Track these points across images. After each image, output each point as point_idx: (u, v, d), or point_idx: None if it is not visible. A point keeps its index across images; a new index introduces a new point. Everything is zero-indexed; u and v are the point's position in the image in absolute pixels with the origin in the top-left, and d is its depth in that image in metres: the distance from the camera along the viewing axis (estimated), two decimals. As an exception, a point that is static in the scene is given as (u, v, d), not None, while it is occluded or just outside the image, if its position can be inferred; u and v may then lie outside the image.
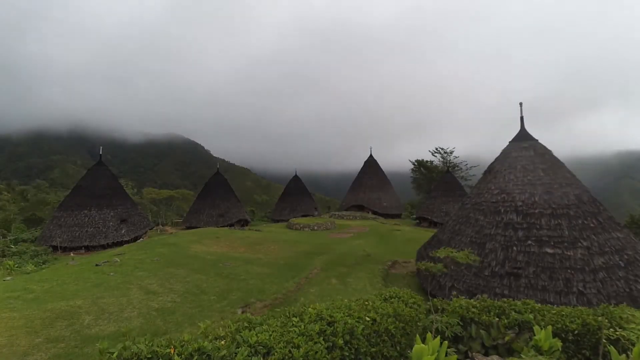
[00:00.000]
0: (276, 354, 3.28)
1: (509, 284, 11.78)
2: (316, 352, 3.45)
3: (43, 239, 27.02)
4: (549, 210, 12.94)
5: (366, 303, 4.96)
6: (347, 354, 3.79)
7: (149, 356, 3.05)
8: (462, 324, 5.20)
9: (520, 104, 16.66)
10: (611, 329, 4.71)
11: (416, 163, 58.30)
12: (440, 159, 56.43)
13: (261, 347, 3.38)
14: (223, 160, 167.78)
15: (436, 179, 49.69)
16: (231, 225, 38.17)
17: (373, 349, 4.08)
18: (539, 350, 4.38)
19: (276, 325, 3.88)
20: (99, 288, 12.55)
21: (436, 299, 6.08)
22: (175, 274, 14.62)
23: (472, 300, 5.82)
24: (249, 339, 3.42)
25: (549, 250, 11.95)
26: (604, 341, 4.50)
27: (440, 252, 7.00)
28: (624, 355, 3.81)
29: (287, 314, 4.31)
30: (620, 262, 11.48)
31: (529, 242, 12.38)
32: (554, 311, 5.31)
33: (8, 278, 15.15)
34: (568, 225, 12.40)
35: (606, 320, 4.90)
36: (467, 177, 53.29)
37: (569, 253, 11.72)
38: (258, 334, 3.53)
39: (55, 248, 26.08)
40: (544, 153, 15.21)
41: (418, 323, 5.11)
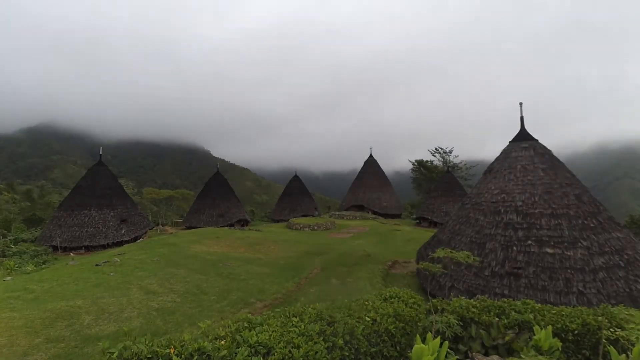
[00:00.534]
0: (276, 354, 3.28)
1: (509, 284, 11.78)
2: (316, 352, 3.45)
3: (43, 239, 27.03)
4: (549, 210, 12.94)
5: (366, 303, 4.96)
6: (347, 354, 3.78)
7: (149, 356, 3.06)
8: (462, 324, 5.20)
9: (520, 104, 16.65)
10: (611, 329, 4.71)
11: (416, 163, 58.31)
12: (440, 159, 56.51)
13: (261, 347, 3.38)
14: (223, 160, 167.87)
15: (436, 179, 49.70)
16: (231, 225, 38.18)
17: (373, 349, 4.08)
18: (539, 350, 4.38)
19: (276, 325, 3.88)
20: (99, 288, 12.55)
21: (436, 299, 6.08)
22: (175, 274, 14.63)
23: (472, 300, 5.82)
24: (249, 339, 3.42)
25: (549, 250, 11.95)
26: (604, 341, 4.50)
27: (439, 252, 6.99)
28: (624, 355, 3.81)
29: (287, 314, 4.31)
30: (620, 262, 11.48)
31: (529, 242, 12.38)
32: (554, 311, 5.31)
33: (8, 278, 15.15)
34: (568, 225, 12.40)
35: (606, 320, 4.90)
36: (467, 177, 53.35)
37: (569, 253, 11.72)
38: (258, 334, 3.53)
39: (55, 248, 26.08)
40: (544, 153, 15.21)
41: (418, 323, 5.11)
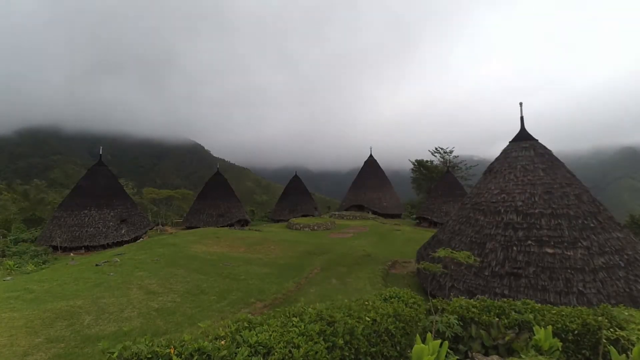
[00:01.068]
0: (276, 354, 3.28)
1: (509, 284, 11.78)
2: (316, 352, 3.45)
3: (43, 239, 27.03)
4: (549, 210, 12.94)
5: (366, 303, 4.96)
6: (347, 354, 3.78)
7: (149, 356, 3.06)
8: (462, 324, 5.20)
9: (520, 104, 16.66)
10: (611, 329, 4.71)
11: (416, 163, 58.35)
12: (440, 159, 56.54)
13: (261, 347, 3.37)
14: (223, 160, 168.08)
15: (436, 179, 49.71)
16: (231, 225, 38.18)
17: (373, 349, 4.08)
18: (539, 350, 4.39)
19: (276, 325, 3.87)
20: (99, 288, 12.55)
21: (436, 299, 6.08)
22: (175, 274, 14.62)
23: (472, 300, 5.82)
24: (249, 339, 3.42)
25: (549, 250, 11.95)
26: (604, 341, 4.50)
27: (440, 252, 7.00)
28: (624, 355, 3.82)
29: (287, 314, 4.31)
30: (620, 262, 11.48)
31: (529, 242, 12.38)
32: (554, 311, 5.31)
33: (8, 278, 15.16)
34: (568, 225, 12.40)
35: (606, 320, 4.90)
36: (467, 177, 53.38)
37: (569, 253, 11.72)
38: (258, 334, 3.53)
39: (55, 248, 26.09)
40: (544, 153, 15.21)
41: (418, 323, 5.11)
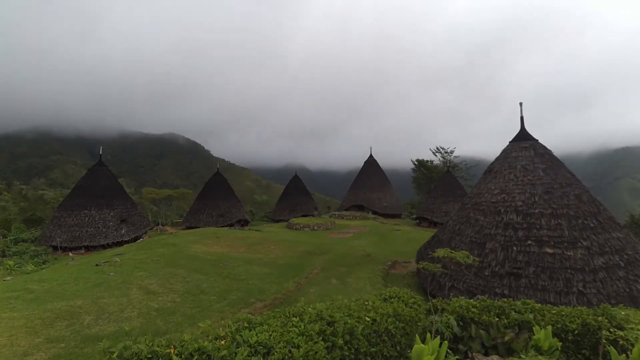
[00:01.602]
0: (276, 354, 3.28)
1: (509, 284, 11.78)
2: (316, 352, 3.45)
3: (43, 239, 27.03)
4: (549, 210, 12.94)
5: (366, 303, 4.96)
6: (347, 354, 3.78)
7: (149, 356, 3.05)
8: (462, 324, 5.20)
9: (520, 104, 16.67)
10: (611, 329, 4.71)
11: (416, 163, 58.38)
12: (440, 159, 56.57)
13: (261, 347, 3.37)
14: (223, 160, 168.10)
15: (436, 179, 49.72)
16: (231, 225, 38.18)
17: (373, 349, 4.08)
18: (539, 350, 4.39)
19: (276, 325, 3.87)
20: (99, 288, 12.55)
21: (436, 299, 6.08)
22: (175, 274, 14.62)
23: (472, 300, 5.82)
24: (249, 339, 3.42)
25: (549, 250, 11.96)
26: (604, 341, 4.50)
27: (439, 252, 7.01)
28: (624, 355, 3.82)
29: (287, 314, 4.30)
30: (620, 262, 11.48)
31: (529, 242, 12.38)
32: (554, 311, 5.31)
33: (8, 278, 15.16)
34: (568, 225, 12.40)
35: (606, 320, 4.90)
36: (467, 177, 53.40)
37: (569, 253, 11.73)
38: (258, 334, 3.53)
39: (55, 248, 26.09)
40: (544, 153, 15.21)
41: (418, 323, 5.11)
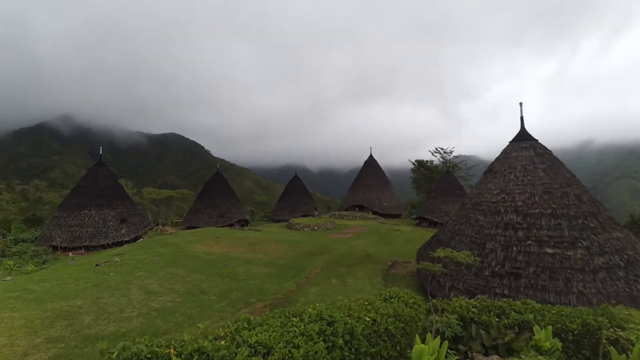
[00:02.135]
0: (276, 354, 3.28)
1: (509, 284, 11.77)
2: (316, 352, 3.45)
3: (43, 239, 27.03)
4: (549, 210, 12.94)
5: (366, 303, 4.96)
6: (347, 354, 3.78)
7: (149, 356, 3.05)
8: (462, 324, 5.20)
9: (520, 104, 16.66)
10: (611, 329, 4.71)
11: (416, 163, 58.40)
12: (440, 159, 56.59)
13: (261, 347, 3.37)
14: (223, 160, 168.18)
15: (436, 179, 49.73)
16: (231, 225, 38.18)
17: (373, 349, 4.08)
18: (539, 350, 4.39)
19: (276, 325, 3.87)
20: (99, 288, 12.55)
21: (436, 299, 6.08)
22: (175, 274, 14.62)
23: (472, 300, 5.82)
24: (249, 339, 3.42)
25: (549, 250, 11.95)
26: (604, 341, 4.50)
27: (440, 252, 7.00)
28: (624, 355, 3.81)
29: (287, 314, 4.31)
30: (620, 262, 11.47)
31: (529, 242, 12.37)
32: (554, 311, 5.31)
33: (8, 278, 15.16)
34: (568, 225, 12.40)
35: (606, 320, 4.90)
36: (467, 177, 53.42)
37: (569, 253, 11.72)
38: (258, 334, 3.53)
39: (55, 248, 26.09)
40: (544, 153, 15.20)
41: (418, 323, 5.11)
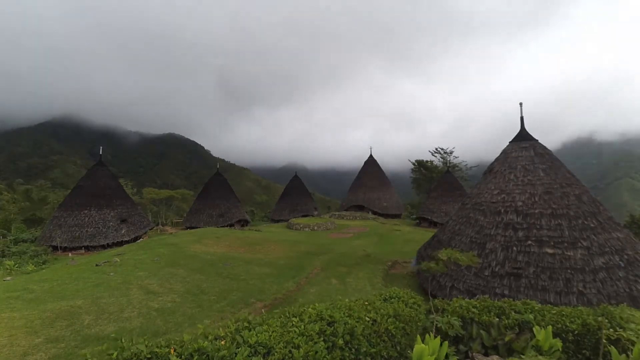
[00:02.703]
0: (276, 354, 3.28)
1: (509, 284, 11.77)
2: (316, 352, 3.45)
3: (43, 239, 27.03)
4: (549, 210, 12.94)
5: (366, 303, 4.96)
6: (347, 354, 3.78)
7: (149, 356, 3.05)
8: (463, 324, 5.20)
9: (520, 104, 16.67)
10: (611, 329, 4.71)
11: (416, 163, 58.43)
12: (440, 159, 56.63)
13: (261, 347, 3.37)
14: (223, 160, 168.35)
15: (436, 179, 49.74)
16: (231, 225, 38.19)
17: (373, 349, 4.08)
18: (539, 350, 4.38)
19: (276, 325, 3.87)
20: (99, 288, 12.54)
21: (436, 299, 6.08)
22: (175, 274, 14.61)
23: (473, 300, 5.82)
24: (249, 339, 3.42)
25: (549, 250, 11.95)
26: (604, 341, 4.50)
27: (443, 254, 7.00)
28: (624, 355, 3.81)
29: (287, 314, 4.31)
30: (620, 262, 11.47)
31: (529, 242, 12.37)
32: (554, 311, 5.31)
33: (8, 278, 15.15)
34: (568, 225, 12.40)
35: (606, 320, 4.90)
36: (467, 177, 53.46)
37: (569, 253, 11.72)
38: (258, 334, 3.53)
39: (55, 248, 26.09)
40: (544, 153, 15.21)
41: (418, 323, 5.11)
